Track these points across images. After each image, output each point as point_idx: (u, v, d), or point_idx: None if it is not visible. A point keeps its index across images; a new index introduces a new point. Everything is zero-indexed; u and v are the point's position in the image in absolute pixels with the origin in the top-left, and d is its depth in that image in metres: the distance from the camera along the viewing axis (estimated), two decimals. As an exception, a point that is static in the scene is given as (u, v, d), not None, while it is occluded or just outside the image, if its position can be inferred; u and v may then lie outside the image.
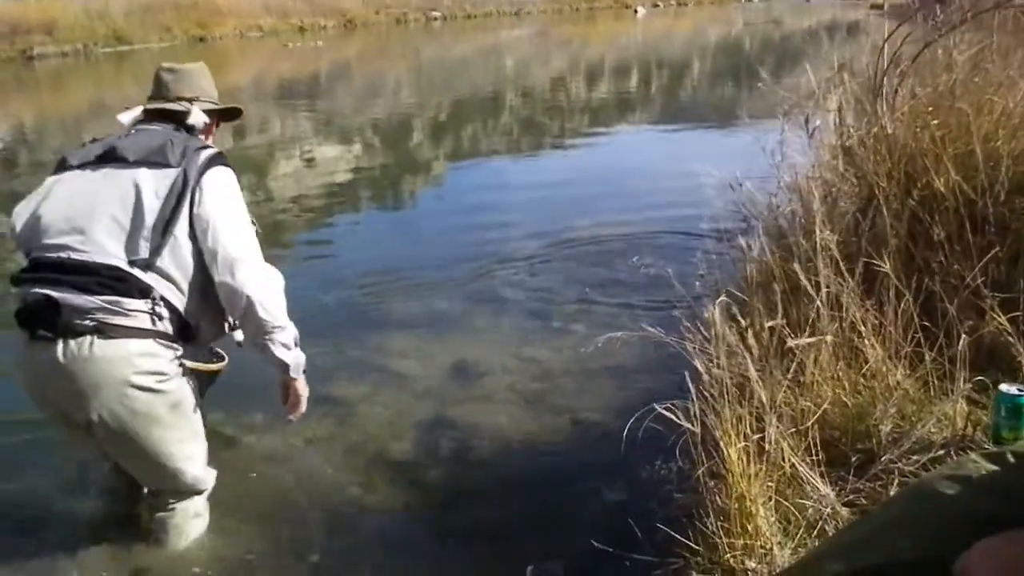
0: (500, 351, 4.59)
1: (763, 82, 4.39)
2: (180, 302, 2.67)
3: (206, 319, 2.80)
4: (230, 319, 2.91)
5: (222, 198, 2.73)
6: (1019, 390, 2.50)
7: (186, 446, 2.84)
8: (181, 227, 2.64)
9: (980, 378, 2.70)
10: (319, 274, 5.96)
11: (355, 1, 34.88)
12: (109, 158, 2.72)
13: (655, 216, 6.95)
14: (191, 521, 2.99)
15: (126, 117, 2.98)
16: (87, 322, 2.53)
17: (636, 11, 42.43)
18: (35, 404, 2.78)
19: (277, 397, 3.07)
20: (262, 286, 2.72)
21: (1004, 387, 2.53)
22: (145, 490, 3.06)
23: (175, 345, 2.70)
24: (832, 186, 3.68)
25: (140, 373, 2.60)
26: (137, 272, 2.59)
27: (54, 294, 2.51)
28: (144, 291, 2.59)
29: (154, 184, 2.64)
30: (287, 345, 2.82)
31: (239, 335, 3.08)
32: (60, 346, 2.53)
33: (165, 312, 2.64)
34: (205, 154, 2.75)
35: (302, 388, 2.97)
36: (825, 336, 2.73)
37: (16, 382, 2.74)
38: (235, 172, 2.89)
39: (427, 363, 4.49)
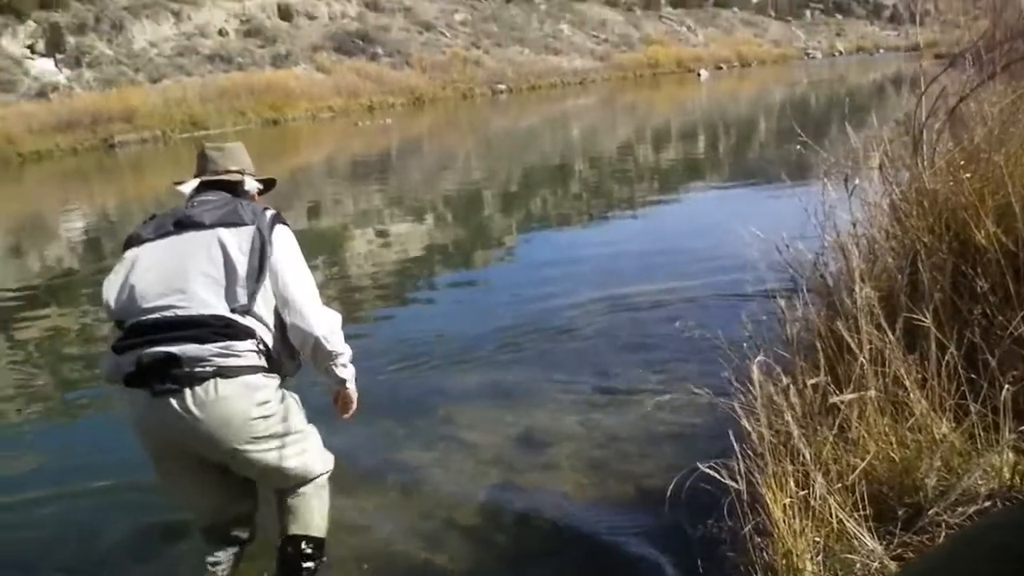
0: (562, 418, 4.68)
1: (805, 144, 4.45)
2: (271, 341, 2.99)
3: (285, 354, 3.11)
4: (299, 355, 3.22)
5: (288, 251, 3.09)
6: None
7: (306, 445, 3.18)
8: (265, 276, 2.96)
9: (1026, 428, 2.70)
10: (390, 347, 6.10)
11: (422, 78, 35.82)
12: (186, 225, 3.04)
13: (709, 278, 7.03)
14: (320, 491, 3.28)
15: (186, 187, 3.33)
16: (208, 368, 2.79)
17: (699, 75, 42.70)
18: (160, 459, 3.04)
19: (334, 419, 3.41)
20: (326, 325, 3.08)
21: (1050, 436, 2.54)
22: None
23: (275, 375, 3.03)
24: (875, 243, 3.71)
25: (256, 404, 2.90)
26: (238, 318, 2.88)
27: (173, 349, 2.76)
28: (248, 333, 2.89)
29: (236, 241, 2.97)
30: (345, 365, 3.19)
31: None
32: (188, 394, 2.77)
33: (264, 350, 2.94)
34: (269, 214, 3.12)
35: (354, 393, 3.32)
36: (868, 391, 2.76)
37: (139, 441, 2.99)
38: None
39: (494, 432, 4.61)
